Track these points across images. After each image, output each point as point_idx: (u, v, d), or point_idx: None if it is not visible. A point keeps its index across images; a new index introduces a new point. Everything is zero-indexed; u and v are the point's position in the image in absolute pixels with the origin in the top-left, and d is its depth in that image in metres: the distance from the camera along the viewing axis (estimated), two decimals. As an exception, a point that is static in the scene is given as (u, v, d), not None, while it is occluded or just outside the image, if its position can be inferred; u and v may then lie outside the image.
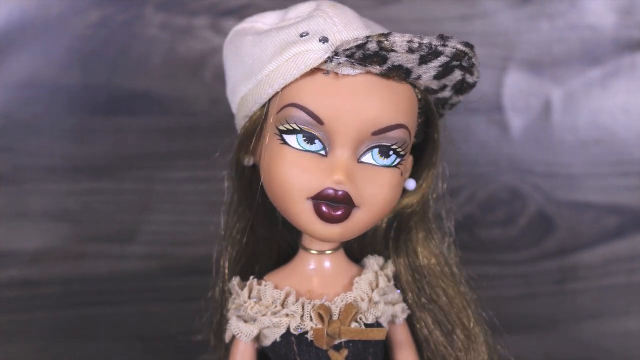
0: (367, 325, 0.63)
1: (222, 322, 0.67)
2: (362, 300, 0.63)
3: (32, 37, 0.96)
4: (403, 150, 0.60)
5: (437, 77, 0.60)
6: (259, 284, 0.64)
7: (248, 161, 0.65)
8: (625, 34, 1.00)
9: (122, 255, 0.98)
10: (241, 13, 0.95)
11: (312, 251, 0.64)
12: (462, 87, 0.63)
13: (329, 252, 0.64)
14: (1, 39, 0.95)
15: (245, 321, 0.63)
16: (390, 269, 0.66)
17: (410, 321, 0.68)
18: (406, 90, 0.60)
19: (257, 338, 0.63)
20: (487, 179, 1.01)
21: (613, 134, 1.01)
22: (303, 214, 0.60)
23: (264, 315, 0.62)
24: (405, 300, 0.67)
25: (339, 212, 0.59)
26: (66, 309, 0.98)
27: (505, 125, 1.01)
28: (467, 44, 0.58)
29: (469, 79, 0.62)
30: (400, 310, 0.66)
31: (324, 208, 0.59)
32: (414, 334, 0.68)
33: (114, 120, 0.97)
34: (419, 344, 0.68)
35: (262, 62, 0.61)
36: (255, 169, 0.65)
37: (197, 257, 0.69)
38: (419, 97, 0.62)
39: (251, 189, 0.66)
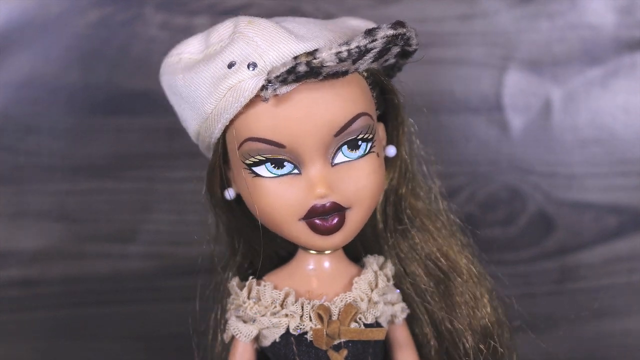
0: (366, 326, 0.63)
1: (222, 322, 0.67)
2: (362, 300, 0.63)
3: (32, 36, 0.96)
4: (370, 134, 0.60)
5: (375, 61, 0.60)
6: (258, 284, 0.64)
7: (230, 194, 0.65)
8: (625, 34, 1.00)
9: (122, 255, 0.98)
10: (241, 13, 0.94)
11: (311, 251, 0.64)
12: (404, 55, 0.62)
13: (328, 252, 0.64)
14: (1, 39, 0.95)
15: (245, 321, 0.63)
16: (389, 268, 0.66)
17: (410, 321, 0.68)
18: (350, 79, 0.59)
19: (257, 338, 0.63)
20: (487, 179, 1.01)
21: (613, 134, 1.01)
22: (300, 234, 0.61)
23: (263, 315, 0.62)
24: (396, 253, 0.67)
25: (334, 222, 0.60)
26: (66, 309, 0.98)
27: (505, 125, 1.00)
28: (396, 25, 0.57)
29: (409, 48, 0.61)
30: (400, 310, 0.66)
31: (318, 222, 0.60)
32: (412, 328, 0.68)
33: (114, 120, 0.97)
34: (419, 343, 0.68)
35: (201, 101, 0.61)
36: (240, 199, 0.65)
37: (197, 257, 0.68)
38: (365, 75, 0.62)
39: (238, 220, 0.66)
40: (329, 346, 0.62)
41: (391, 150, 0.65)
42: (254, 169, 0.60)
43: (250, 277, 0.65)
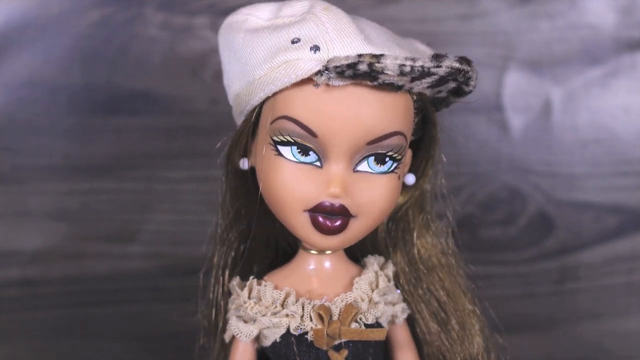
0: (367, 326, 0.63)
1: (222, 322, 0.67)
2: (362, 300, 0.63)
3: (33, 37, 0.96)
4: (399, 154, 0.60)
5: (430, 87, 0.60)
6: (259, 284, 0.64)
7: (244, 164, 0.65)
8: (625, 34, 1.00)
9: (122, 255, 0.98)
10: (241, 13, 0.95)
11: (312, 251, 0.64)
12: (458, 93, 0.62)
13: (329, 252, 0.64)
14: (1, 39, 0.95)
15: (245, 321, 0.63)
16: (390, 269, 0.66)
17: (410, 321, 0.68)
18: (400, 95, 0.59)
19: (257, 338, 0.63)
20: (487, 178, 1.01)
21: (613, 134, 1.01)
22: (300, 226, 0.60)
23: (263, 315, 0.62)
24: (401, 290, 0.67)
25: (336, 224, 0.60)
26: (66, 309, 0.98)
27: (505, 125, 1.01)
28: (463, 61, 0.57)
29: (465, 88, 0.61)
30: (401, 311, 0.66)
31: (321, 220, 0.59)
32: (413, 332, 0.68)
33: (114, 120, 0.97)
34: (418, 341, 0.68)
35: (253, 64, 0.60)
36: (253, 171, 0.65)
37: (197, 257, 0.68)
38: (414, 98, 0.62)
39: (247, 191, 0.66)
40: (329, 346, 0.62)
41: (410, 179, 0.65)
42: (279, 147, 0.59)
43: (251, 277, 0.65)
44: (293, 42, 0.59)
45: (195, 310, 0.70)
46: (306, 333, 0.62)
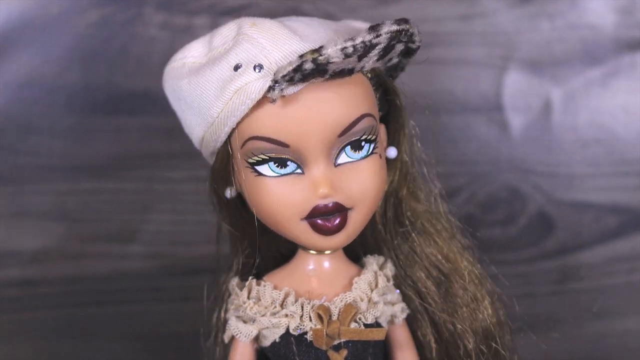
0: (366, 326, 0.63)
1: (222, 322, 0.67)
2: (362, 300, 0.63)
3: (32, 37, 0.96)
4: (373, 135, 0.60)
5: (379, 59, 0.60)
6: (258, 284, 0.64)
7: (231, 192, 0.65)
8: (625, 34, 1.00)
9: (122, 255, 0.98)
10: (241, 13, 0.95)
11: (311, 252, 0.64)
12: (407, 53, 0.62)
13: (328, 252, 0.64)
14: (1, 39, 0.95)
15: (245, 322, 0.63)
16: (389, 268, 0.66)
17: (410, 322, 0.68)
18: (355, 79, 0.60)
19: (257, 338, 0.63)
20: (487, 179, 1.01)
21: (613, 134, 1.01)
22: (302, 234, 0.61)
23: (263, 315, 0.62)
24: (397, 256, 0.67)
25: (336, 222, 0.60)
26: (66, 309, 0.98)
27: (505, 125, 1.00)
28: (400, 21, 0.57)
29: (413, 45, 0.60)
30: (400, 310, 0.66)
31: (320, 222, 0.60)
32: (413, 332, 0.68)
33: (114, 120, 0.97)
34: (419, 344, 0.68)
35: (207, 105, 0.60)
36: (241, 197, 0.65)
37: (197, 257, 0.69)
38: (369, 76, 0.62)
39: (242, 217, 0.66)
40: (328, 346, 0.62)
41: (392, 152, 0.65)
42: (257, 168, 0.60)
43: (250, 277, 0.65)
44: (235, 69, 0.59)
45: (195, 311, 0.70)
46: (305, 333, 0.62)
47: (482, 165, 1.01)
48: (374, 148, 0.61)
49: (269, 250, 0.69)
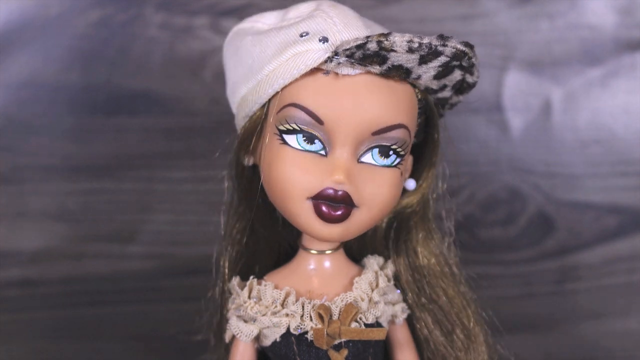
0: (367, 325, 0.63)
1: (222, 322, 0.67)
2: (362, 300, 0.63)
3: (32, 37, 0.96)
4: (403, 150, 0.60)
5: (437, 77, 0.60)
6: (259, 284, 0.64)
7: (248, 161, 0.65)
8: (625, 34, 1.00)
9: (122, 255, 0.98)
10: (241, 13, 0.95)
11: (312, 251, 0.64)
12: (462, 87, 0.63)
13: (329, 252, 0.64)
14: (1, 39, 0.95)
15: (245, 321, 0.63)
16: (390, 268, 0.66)
17: (410, 321, 0.68)
18: (406, 90, 0.60)
19: (257, 338, 0.63)
20: (487, 179, 1.01)
21: (613, 134, 1.01)
22: (303, 214, 0.60)
23: (264, 315, 0.62)
24: (405, 299, 0.67)
25: (339, 212, 0.59)
26: (66, 309, 0.98)
27: (505, 125, 1.01)
28: (467, 44, 0.58)
29: (469, 79, 0.62)
30: (400, 310, 0.66)
31: (323, 208, 0.59)
32: (414, 333, 0.68)
33: (114, 120, 0.97)
34: (419, 344, 0.68)
35: (262, 62, 0.61)
36: (255, 169, 0.65)
37: (197, 257, 0.69)
38: (419, 97, 0.62)
39: (251, 189, 0.66)
40: (329, 346, 0.62)
41: (411, 184, 0.66)
42: (285, 136, 0.60)
43: (251, 277, 0.65)
44: (302, 35, 0.59)
45: (195, 311, 0.70)
46: (306, 333, 0.62)
47: (482, 165, 1.01)
48: (398, 162, 0.61)
49: (268, 242, 0.68)
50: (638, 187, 1.01)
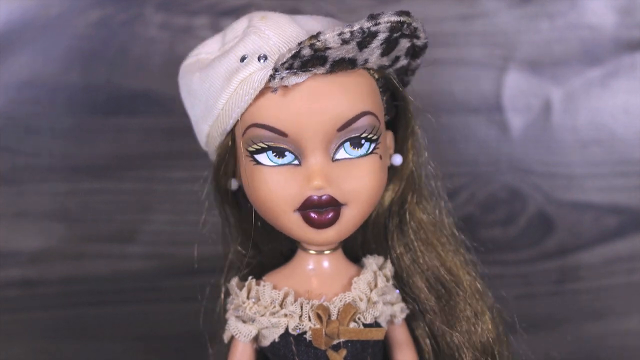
0: (365, 326, 0.63)
1: (221, 322, 0.67)
2: (361, 300, 0.63)
3: (32, 37, 0.96)
4: (374, 135, 0.60)
5: (384, 54, 0.60)
6: (258, 284, 0.64)
7: (234, 185, 0.65)
8: (625, 34, 1.00)
9: (122, 255, 0.98)
10: (241, 13, 0.94)
11: (311, 251, 0.64)
12: (415, 52, 0.62)
13: (328, 252, 0.64)
14: (1, 39, 0.95)
15: (244, 321, 0.63)
16: (389, 268, 0.66)
17: (408, 319, 0.68)
18: (360, 76, 0.60)
19: (256, 338, 0.63)
20: (487, 179, 1.01)
21: (613, 134, 1.01)
22: (294, 226, 0.61)
23: (262, 315, 0.62)
24: (399, 265, 0.67)
25: (328, 216, 0.60)
26: (66, 309, 0.98)
27: (505, 125, 1.00)
28: (400, 13, 0.57)
29: (418, 42, 0.61)
30: (399, 310, 0.66)
31: (312, 215, 0.60)
32: (411, 328, 0.68)
33: (114, 120, 0.97)
34: (417, 342, 0.68)
35: (214, 97, 0.61)
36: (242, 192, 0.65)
37: (197, 257, 0.68)
38: (376, 77, 0.62)
39: (240, 209, 0.66)
40: (328, 346, 0.62)
41: (397, 159, 0.65)
42: (256, 156, 0.60)
43: (250, 277, 0.65)
44: (242, 60, 0.60)
45: (195, 311, 0.70)
46: (305, 333, 0.62)
47: (482, 165, 1.01)
48: (374, 148, 0.61)
49: (268, 250, 0.69)
50: (638, 187, 1.01)
